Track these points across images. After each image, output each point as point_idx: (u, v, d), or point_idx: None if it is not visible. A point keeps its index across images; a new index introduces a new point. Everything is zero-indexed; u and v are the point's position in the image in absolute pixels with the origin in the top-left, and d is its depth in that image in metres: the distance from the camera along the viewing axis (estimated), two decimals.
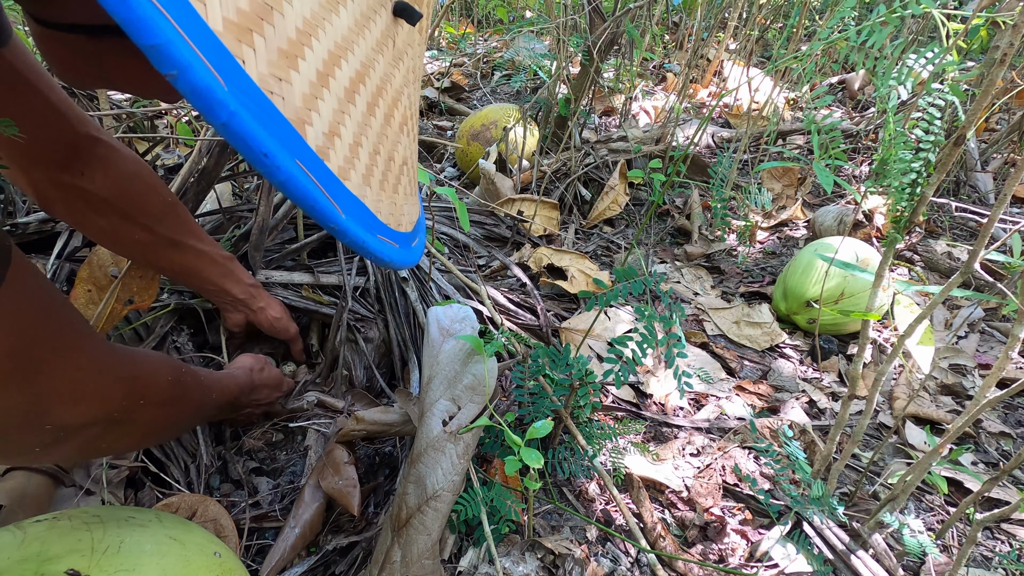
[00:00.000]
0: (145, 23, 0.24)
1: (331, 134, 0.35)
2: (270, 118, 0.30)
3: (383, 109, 0.42)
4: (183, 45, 0.26)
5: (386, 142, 0.43)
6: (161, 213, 0.84)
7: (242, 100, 0.29)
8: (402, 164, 0.47)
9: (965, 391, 1.24)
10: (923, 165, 0.65)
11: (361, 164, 0.39)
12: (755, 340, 1.38)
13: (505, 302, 1.22)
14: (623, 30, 1.71)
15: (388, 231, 0.42)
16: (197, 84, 0.26)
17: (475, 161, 1.89)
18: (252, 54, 0.30)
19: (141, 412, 0.60)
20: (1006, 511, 0.66)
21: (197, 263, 0.91)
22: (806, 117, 0.68)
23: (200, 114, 0.31)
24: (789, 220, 1.86)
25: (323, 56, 0.35)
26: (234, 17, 0.29)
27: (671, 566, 0.84)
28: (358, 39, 0.38)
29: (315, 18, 0.34)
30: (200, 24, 0.27)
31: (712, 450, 1.04)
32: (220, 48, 0.28)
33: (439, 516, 0.74)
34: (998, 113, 2.24)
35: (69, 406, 0.51)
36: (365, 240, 0.37)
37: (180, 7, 0.26)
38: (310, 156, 0.33)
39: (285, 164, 0.31)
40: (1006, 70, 1.50)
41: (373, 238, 0.38)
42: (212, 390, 0.78)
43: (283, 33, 0.32)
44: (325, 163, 0.34)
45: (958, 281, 0.65)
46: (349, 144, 0.37)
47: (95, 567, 0.51)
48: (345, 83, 0.37)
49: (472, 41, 3.33)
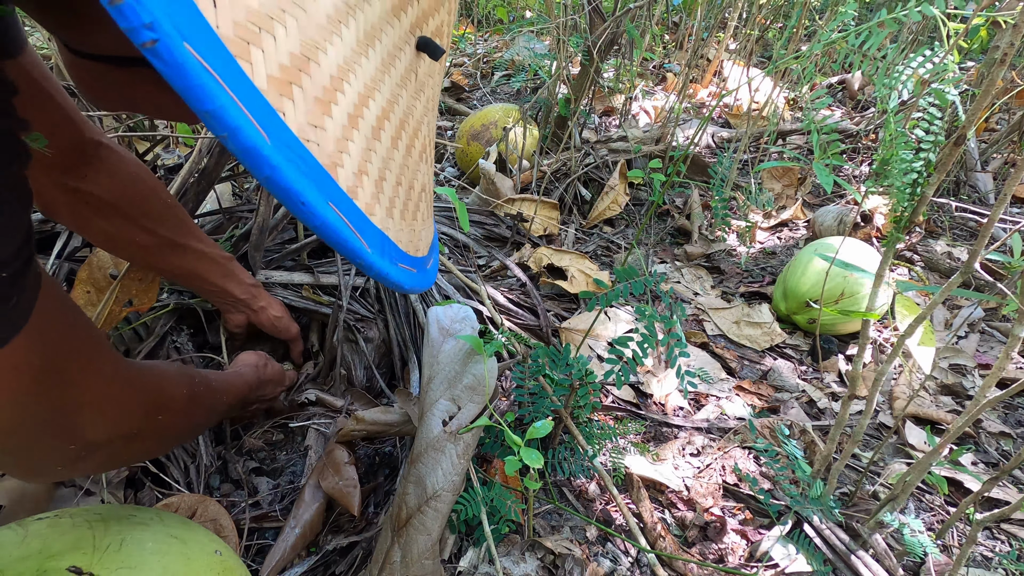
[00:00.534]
0: (201, 90, 0.26)
1: (360, 172, 0.37)
2: (307, 165, 0.32)
3: (405, 141, 0.44)
4: (234, 108, 0.27)
5: (407, 172, 0.44)
6: (162, 215, 0.84)
7: (283, 152, 0.30)
8: (421, 191, 0.48)
9: (965, 391, 1.24)
10: (923, 165, 0.65)
11: (385, 197, 0.40)
12: (755, 340, 1.38)
13: (505, 302, 1.22)
14: (623, 30, 1.71)
15: (407, 258, 0.44)
16: (246, 144, 0.28)
17: (475, 161, 1.89)
18: (291, 106, 0.31)
19: (158, 425, 0.61)
20: (1006, 511, 0.66)
21: (198, 264, 0.91)
22: (806, 117, 0.68)
23: (243, 165, 0.33)
24: (789, 220, 1.86)
25: (354, 99, 0.36)
26: (277, 73, 0.30)
27: (671, 566, 0.84)
28: (384, 77, 0.39)
29: (348, 63, 0.35)
30: (247, 84, 0.28)
31: (712, 450, 1.04)
32: (265, 105, 0.29)
33: (439, 516, 0.74)
34: (998, 113, 2.24)
35: (94, 423, 0.52)
36: (388, 272, 0.39)
37: (231, 71, 0.27)
38: (341, 197, 0.35)
39: (321, 210, 0.32)
40: (1006, 70, 1.50)
41: (395, 268, 0.40)
42: (223, 393, 0.78)
43: (319, 82, 0.33)
44: (354, 202, 0.36)
45: (958, 281, 0.65)
46: (375, 180, 0.39)
47: (97, 564, 0.51)
48: (372, 121, 0.38)
49: (472, 41, 3.33)
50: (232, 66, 0.27)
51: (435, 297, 1.15)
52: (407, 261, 0.44)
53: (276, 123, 0.30)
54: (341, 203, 0.35)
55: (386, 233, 0.40)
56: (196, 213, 1.21)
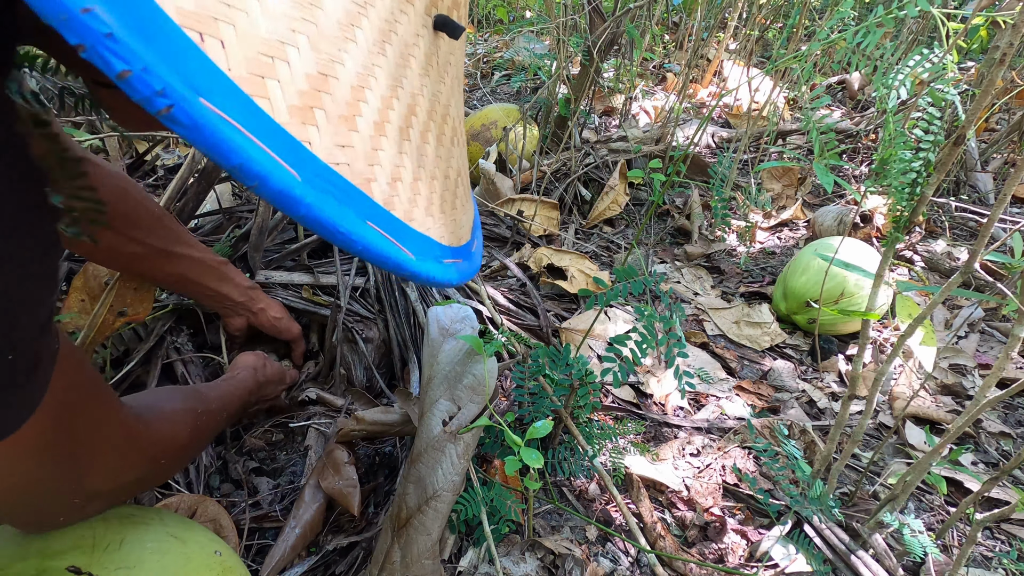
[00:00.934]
0: (225, 146, 0.25)
1: (394, 181, 0.35)
2: (341, 192, 0.30)
3: (435, 131, 0.41)
4: (260, 155, 0.26)
5: (441, 163, 0.42)
6: (151, 226, 0.84)
7: (315, 184, 0.29)
8: (457, 177, 0.46)
9: (965, 391, 1.24)
10: (923, 165, 0.65)
11: (423, 198, 0.38)
12: (755, 340, 1.38)
13: (505, 302, 1.22)
14: (623, 30, 1.71)
15: (452, 251, 0.42)
16: (277, 188, 0.27)
17: (475, 161, 1.89)
18: (316, 132, 0.30)
19: (161, 467, 0.61)
20: (1006, 511, 0.66)
21: (191, 271, 0.91)
22: (804, 117, 0.68)
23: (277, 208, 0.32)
24: (789, 220, 1.86)
25: (377, 105, 0.34)
26: (296, 101, 0.29)
27: (671, 566, 0.84)
28: (405, 71, 0.37)
29: (366, 68, 0.33)
30: (269, 123, 0.27)
31: (712, 450, 1.04)
32: (289, 140, 0.28)
33: (439, 516, 0.74)
34: (998, 113, 2.24)
35: (101, 477, 0.51)
36: (435, 274, 0.37)
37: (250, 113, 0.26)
38: (378, 212, 0.33)
39: (360, 234, 0.31)
40: (1006, 70, 1.50)
41: (441, 267, 0.38)
42: (224, 410, 0.78)
43: (341, 97, 0.31)
44: (392, 213, 0.34)
45: (958, 281, 0.65)
46: (410, 183, 0.37)
47: (96, 564, 0.51)
48: (400, 122, 0.36)
49: (472, 41, 3.33)
50: (250, 108, 0.26)
51: (435, 297, 1.15)
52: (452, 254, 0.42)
53: (304, 156, 0.28)
54: (379, 218, 0.33)
55: (428, 235, 0.38)
56: (196, 213, 1.21)
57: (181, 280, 0.91)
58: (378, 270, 1.20)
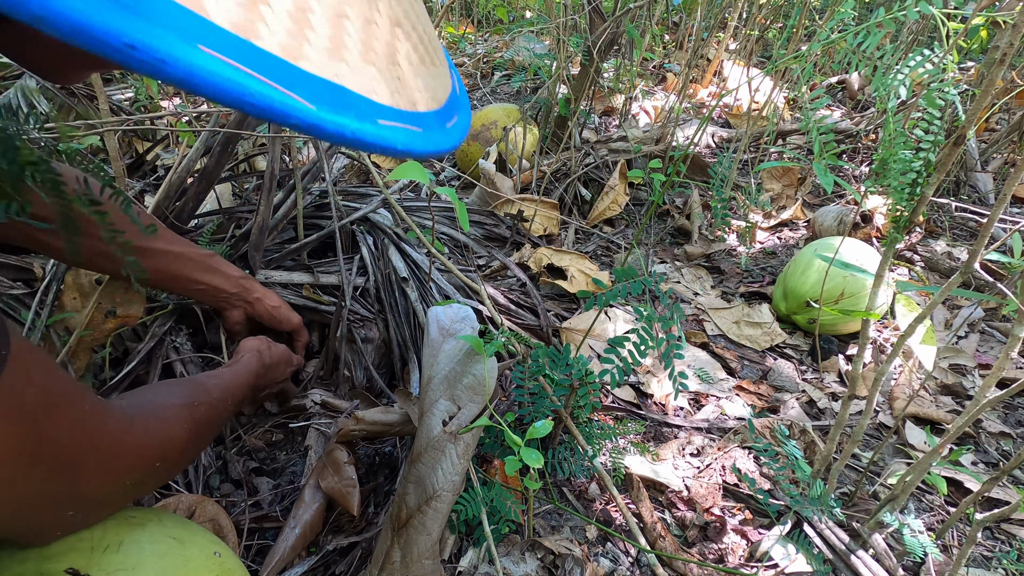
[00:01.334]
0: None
1: (252, 2, 0.26)
2: None
3: None
4: None
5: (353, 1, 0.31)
6: (120, 224, 0.79)
7: None
8: (393, 27, 0.35)
9: (965, 391, 1.24)
10: (923, 165, 0.65)
11: (319, 36, 0.29)
12: (755, 340, 1.38)
13: (505, 302, 1.22)
14: (623, 30, 1.71)
15: (396, 113, 0.33)
16: None
17: (475, 161, 1.89)
18: None
19: (159, 470, 0.60)
20: (1006, 511, 0.66)
21: (172, 265, 0.89)
22: (804, 117, 0.68)
23: None
24: (789, 220, 1.86)
25: None
26: None
27: (671, 566, 0.84)
28: None
29: None
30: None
31: (712, 450, 1.04)
32: None
33: (439, 516, 0.74)
34: (998, 113, 2.24)
35: (95, 482, 0.51)
36: (354, 130, 0.28)
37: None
38: (224, 38, 0.24)
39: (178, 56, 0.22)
40: (1006, 70, 1.50)
41: (370, 125, 0.30)
42: (228, 399, 0.77)
43: None
44: (253, 43, 0.25)
45: (958, 281, 0.65)
46: (289, 12, 0.27)
47: (94, 565, 0.51)
48: None
49: (472, 41, 3.33)
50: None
51: (435, 297, 1.15)
52: (396, 117, 0.32)
53: None
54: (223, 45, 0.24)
55: (338, 82, 0.29)
56: (196, 213, 1.21)
57: (166, 275, 0.89)
58: (378, 270, 1.20)
